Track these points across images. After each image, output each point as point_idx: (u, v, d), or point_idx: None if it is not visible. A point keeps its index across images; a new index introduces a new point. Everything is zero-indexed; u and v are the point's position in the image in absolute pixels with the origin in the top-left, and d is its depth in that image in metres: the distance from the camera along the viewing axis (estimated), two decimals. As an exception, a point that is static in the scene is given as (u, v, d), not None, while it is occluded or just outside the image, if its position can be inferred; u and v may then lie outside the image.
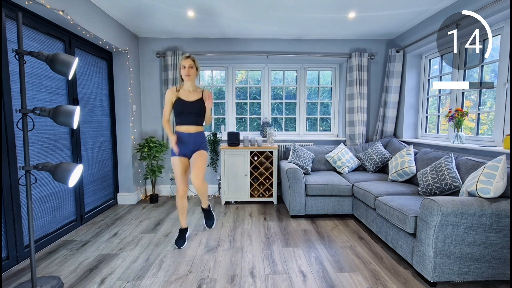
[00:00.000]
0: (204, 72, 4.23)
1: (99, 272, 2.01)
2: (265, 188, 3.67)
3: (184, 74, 2.32)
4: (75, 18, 2.49)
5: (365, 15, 3.09)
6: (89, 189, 3.08)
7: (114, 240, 2.54)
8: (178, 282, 1.88)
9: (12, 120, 2.04)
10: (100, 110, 3.28)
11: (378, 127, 3.86)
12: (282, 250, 2.35)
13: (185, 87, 2.40)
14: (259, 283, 1.87)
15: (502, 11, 2.26)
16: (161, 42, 3.87)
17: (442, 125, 3.30)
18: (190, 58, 2.32)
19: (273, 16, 3.11)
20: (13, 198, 2.07)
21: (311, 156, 3.55)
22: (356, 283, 1.88)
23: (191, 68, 2.32)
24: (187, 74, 2.31)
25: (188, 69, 2.31)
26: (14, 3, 2.05)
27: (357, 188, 2.90)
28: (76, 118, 1.79)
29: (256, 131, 4.22)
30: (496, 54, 2.48)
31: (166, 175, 4.06)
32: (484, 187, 1.81)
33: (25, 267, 2.09)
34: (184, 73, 2.32)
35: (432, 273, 1.79)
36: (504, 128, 2.38)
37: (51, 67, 1.74)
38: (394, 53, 3.62)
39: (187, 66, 2.31)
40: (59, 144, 2.57)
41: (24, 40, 2.19)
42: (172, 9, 2.97)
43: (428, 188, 2.37)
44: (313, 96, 4.25)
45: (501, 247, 1.77)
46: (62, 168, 1.75)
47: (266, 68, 4.07)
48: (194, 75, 2.36)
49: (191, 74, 2.32)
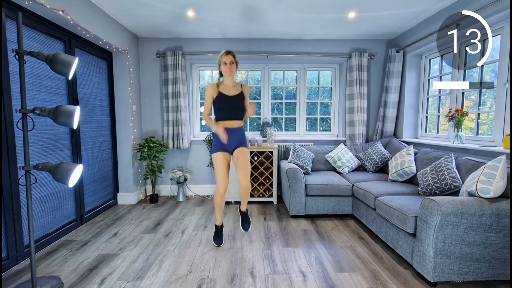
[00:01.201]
0: (204, 72, 4.23)
1: (99, 272, 2.01)
2: (265, 188, 3.67)
3: (225, 70, 2.28)
4: (75, 18, 2.49)
5: (365, 15, 3.09)
6: (89, 189, 3.08)
7: (114, 240, 2.54)
8: (178, 282, 1.88)
9: (12, 120, 2.04)
10: (100, 110, 3.28)
11: (378, 127, 3.86)
12: (282, 250, 2.35)
13: (225, 82, 2.37)
14: (259, 283, 1.87)
15: (502, 11, 2.26)
16: (161, 42, 3.87)
17: (442, 125, 3.30)
18: (230, 54, 2.28)
19: (273, 16, 3.11)
20: (13, 198, 2.07)
21: (311, 156, 3.55)
22: (356, 283, 1.88)
23: (232, 64, 2.28)
24: (229, 71, 2.28)
25: (229, 65, 2.27)
26: (14, 3, 2.05)
27: (357, 188, 2.90)
28: (76, 118, 1.79)
29: (256, 131, 4.22)
30: (496, 54, 2.48)
31: (166, 175, 4.06)
32: (484, 187, 1.81)
33: (25, 267, 2.09)
34: (225, 69, 2.28)
35: (432, 273, 1.79)
36: (504, 128, 2.38)
37: (51, 67, 1.73)
38: (394, 53, 3.62)
39: (228, 63, 2.27)
40: (59, 144, 2.57)
41: (24, 40, 2.19)
42: (172, 9, 2.97)
43: (428, 188, 2.37)
44: (313, 96, 4.24)
45: (501, 247, 1.77)
46: (62, 168, 1.75)
47: (266, 68, 4.07)
48: (235, 70, 2.33)
49: (232, 70, 2.29)
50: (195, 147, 4.06)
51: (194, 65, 4.08)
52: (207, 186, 4.11)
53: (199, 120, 4.19)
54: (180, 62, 3.71)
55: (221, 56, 2.30)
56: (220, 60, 2.31)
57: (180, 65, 3.72)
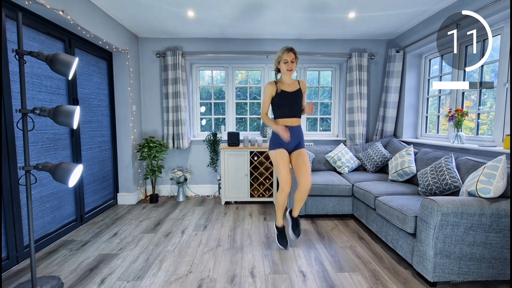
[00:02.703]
0: (204, 72, 4.23)
1: (99, 272, 2.01)
2: (265, 188, 3.67)
3: (287, 68, 2.21)
4: (75, 18, 2.49)
5: (365, 15, 3.09)
6: (89, 189, 3.08)
7: (114, 240, 2.54)
8: (178, 282, 1.88)
9: (12, 120, 2.04)
10: (100, 110, 3.28)
11: (378, 127, 3.86)
12: (282, 250, 2.35)
13: (284, 79, 2.31)
14: (259, 283, 1.87)
15: (502, 11, 2.26)
16: (161, 42, 3.87)
17: (442, 125, 3.30)
18: (292, 52, 2.20)
19: (273, 16, 3.11)
20: (13, 198, 2.07)
21: (311, 156, 3.55)
22: (356, 283, 1.88)
23: (293, 62, 2.21)
24: (290, 69, 2.22)
25: (290, 63, 2.21)
26: (14, 3, 2.05)
27: (357, 188, 2.90)
28: (76, 118, 1.79)
29: (256, 131, 4.22)
30: (496, 54, 2.48)
31: (166, 175, 4.06)
32: (484, 187, 1.81)
33: (25, 267, 2.09)
34: (287, 68, 2.21)
35: (432, 273, 1.79)
36: (504, 128, 2.38)
37: (51, 67, 1.73)
38: (394, 53, 3.62)
39: (290, 60, 2.20)
40: (59, 144, 2.57)
41: (24, 40, 2.19)
42: (172, 9, 2.97)
43: (428, 188, 2.37)
44: (313, 96, 4.24)
45: (501, 247, 1.77)
46: (62, 168, 1.75)
47: (266, 68, 4.07)
48: (295, 68, 2.27)
49: (293, 68, 2.22)
50: (195, 147, 4.06)
51: (194, 65, 4.08)
52: (207, 186, 4.11)
53: (199, 120, 4.19)
54: (180, 62, 3.71)
55: (282, 53, 2.21)
56: (280, 57, 2.23)
57: (180, 65, 3.72)
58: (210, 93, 4.19)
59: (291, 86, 2.31)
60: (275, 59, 2.29)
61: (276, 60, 2.28)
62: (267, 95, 2.31)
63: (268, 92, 2.30)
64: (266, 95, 2.31)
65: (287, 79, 2.31)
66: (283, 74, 2.30)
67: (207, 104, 4.22)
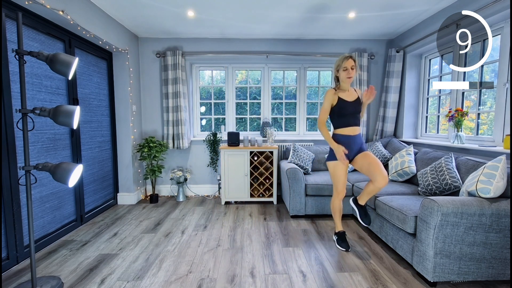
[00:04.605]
0: (204, 72, 4.22)
1: (99, 272, 2.01)
2: (265, 188, 3.67)
3: (346, 76, 2.19)
4: (75, 18, 2.49)
5: (365, 15, 3.09)
6: (89, 189, 3.08)
7: (114, 240, 2.54)
8: (178, 282, 1.88)
9: (12, 120, 2.04)
10: (100, 110, 3.28)
11: (378, 127, 3.86)
12: (282, 250, 2.35)
13: (343, 87, 2.27)
14: (259, 283, 1.87)
15: (502, 11, 2.26)
16: (161, 42, 3.87)
17: (442, 125, 3.30)
18: (352, 59, 2.17)
19: (273, 16, 3.11)
20: (13, 198, 2.07)
21: (311, 156, 3.55)
22: (356, 283, 1.88)
23: (352, 69, 2.18)
24: (350, 76, 2.19)
25: (350, 70, 2.18)
26: (14, 3, 2.05)
27: (357, 188, 2.90)
28: (76, 118, 1.79)
29: (256, 131, 4.22)
30: (496, 54, 2.48)
31: (166, 175, 4.06)
32: (484, 187, 1.81)
33: (25, 267, 2.09)
34: (347, 75, 2.18)
35: (432, 273, 1.79)
36: (504, 128, 2.38)
37: (51, 67, 1.73)
38: (394, 53, 3.62)
39: (349, 68, 2.17)
40: (59, 144, 2.57)
41: (24, 40, 2.19)
42: (172, 9, 2.97)
43: (428, 188, 2.37)
44: (313, 96, 4.24)
45: (501, 247, 1.77)
46: (62, 168, 1.75)
47: (266, 68, 4.07)
48: (354, 76, 2.24)
49: (353, 75, 2.20)
50: (195, 147, 4.06)
51: (194, 65, 4.08)
52: (207, 186, 4.11)
53: (199, 120, 4.19)
54: (180, 62, 3.71)
55: (342, 61, 2.19)
56: (340, 65, 2.20)
57: (180, 65, 3.72)
58: (210, 93, 4.19)
59: (350, 95, 2.28)
60: (334, 67, 2.27)
61: (336, 68, 2.26)
62: (328, 103, 2.26)
63: (329, 100, 2.25)
64: (326, 102, 2.26)
65: (346, 87, 2.27)
66: (342, 82, 2.26)
67: (207, 104, 4.22)
